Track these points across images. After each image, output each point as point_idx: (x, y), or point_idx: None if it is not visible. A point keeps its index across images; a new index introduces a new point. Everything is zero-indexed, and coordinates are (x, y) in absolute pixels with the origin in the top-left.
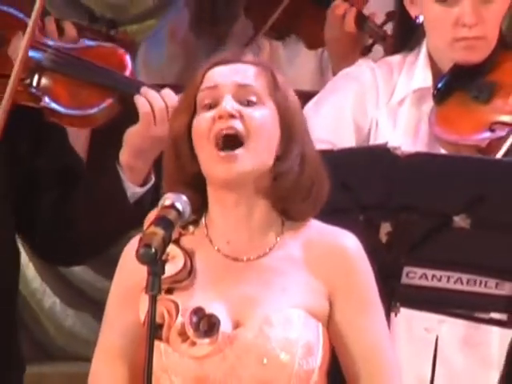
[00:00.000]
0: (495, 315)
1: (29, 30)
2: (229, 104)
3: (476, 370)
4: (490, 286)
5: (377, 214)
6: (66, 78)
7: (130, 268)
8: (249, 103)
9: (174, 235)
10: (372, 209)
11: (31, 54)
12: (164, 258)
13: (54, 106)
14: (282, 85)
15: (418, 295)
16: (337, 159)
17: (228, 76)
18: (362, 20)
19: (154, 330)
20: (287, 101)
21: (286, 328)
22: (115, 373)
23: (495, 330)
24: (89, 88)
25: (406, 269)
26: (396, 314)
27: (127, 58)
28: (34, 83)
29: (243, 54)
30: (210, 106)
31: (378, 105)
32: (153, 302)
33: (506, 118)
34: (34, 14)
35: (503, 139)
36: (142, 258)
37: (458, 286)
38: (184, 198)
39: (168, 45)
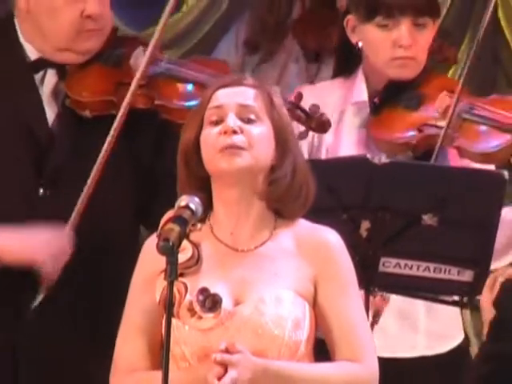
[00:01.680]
0: (457, 298)
1: (150, 48)
2: (232, 121)
3: (406, 334)
4: (452, 273)
5: (357, 213)
6: (172, 80)
7: (149, 259)
8: (249, 121)
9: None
10: (353, 209)
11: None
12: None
13: (165, 102)
14: (277, 105)
15: (392, 281)
16: (324, 166)
17: (231, 97)
18: None
19: (171, 308)
20: (281, 118)
21: (277, 306)
22: (137, 346)
23: (421, 304)
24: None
25: (383, 259)
26: (374, 297)
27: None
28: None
29: (244, 79)
30: (216, 122)
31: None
32: (171, 286)
33: (431, 121)
34: (156, 35)
35: (431, 137)
36: (161, 249)
37: (426, 274)
38: (196, 199)
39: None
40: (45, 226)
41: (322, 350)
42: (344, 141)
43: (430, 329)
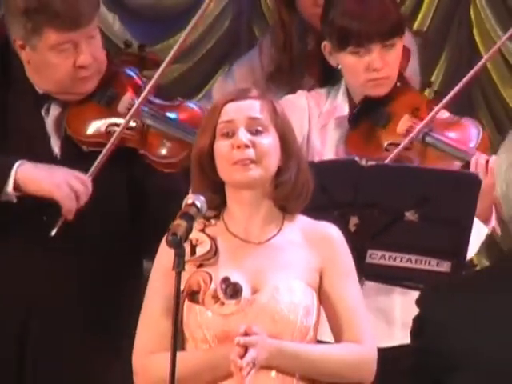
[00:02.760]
0: None
1: (146, 91)
2: (243, 136)
3: (382, 326)
4: (432, 264)
5: (347, 210)
6: (157, 132)
7: (168, 250)
8: (257, 132)
9: (200, 227)
10: (343, 206)
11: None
12: (195, 243)
13: (147, 154)
14: (280, 112)
15: (378, 272)
16: (318, 168)
17: (240, 112)
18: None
19: (179, 294)
20: (284, 124)
21: (290, 294)
22: (158, 331)
23: (398, 298)
24: (173, 141)
25: (369, 251)
26: (362, 286)
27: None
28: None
29: (250, 91)
30: (228, 134)
31: (310, 124)
32: (178, 276)
33: (394, 140)
34: (153, 80)
35: (397, 157)
36: (170, 243)
37: (409, 265)
38: (202, 197)
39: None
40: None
41: None
42: (327, 151)
43: (405, 320)
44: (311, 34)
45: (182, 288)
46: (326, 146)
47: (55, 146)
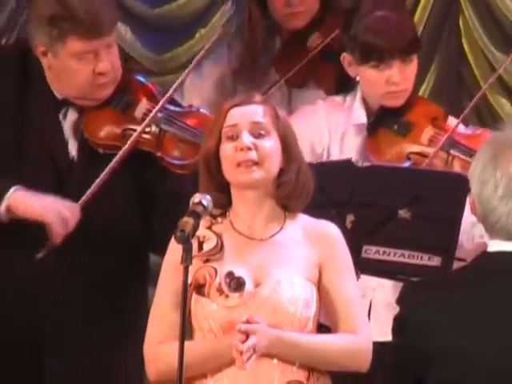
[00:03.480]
0: None
1: (165, 99)
2: (246, 139)
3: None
4: (424, 259)
5: (344, 208)
6: (172, 135)
7: (178, 247)
8: (259, 135)
9: (207, 224)
10: (341, 205)
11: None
12: (202, 239)
13: (163, 156)
14: (282, 117)
15: (373, 266)
16: (317, 169)
17: (244, 116)
18: None
19: (187, 287)
20: (286, 128)
21: (291, 288)
22: (167, 322)
23: None
24: (187, 144)
25: (365, 247)
26: (357, 279)
27: None
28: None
29: (253, 97)
30: (232, 137)
31: (330, 135)
32: (186, 270)
33: (417, 149)
34: (173, 88)
35: (416, 165)
36: (178, 239)
37: (401, 259)
38: (208, 197)
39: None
40: (59, 198)
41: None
42: (347, 156)
43: None
44: (279, 33)
45: (189, 281)
46: (343, 152)
47: (72, 149)
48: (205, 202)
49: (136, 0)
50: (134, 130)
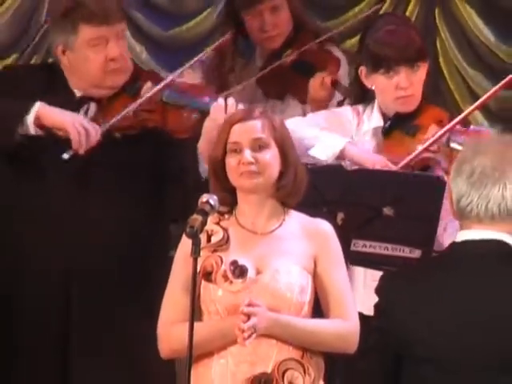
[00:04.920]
0: None
1: (167, 81)
2: (248, 156)
3: None
4: (405, 252)
5: (335, 206)
6: (173, 106)
7: (188, 240)
8: (260, 147)
9: (216, 220)
10: (332, 203)
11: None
12: (210, 233)
13: (168, 124)
14: (278, 126)
15: (361, 258)
16: (311, 172)
17: (246, 133)
18: (336, 83)
19: (196, 276)
20: (283, 137)
21: (288, 276)
22: (178, 306)
23: None
24: (185, 110)
25: (353, 241)
26: (347, 270)
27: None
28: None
29: (253, 111)
30: (236, 151)
31: (353, 133)
32: (195, 261)
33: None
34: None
35: (425, 159)
36: (188, 234)
37: (386, 252)
38: (215, 197)
39: None
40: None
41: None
42: None
43: None
44: (260, 53)
45: (198, 270)
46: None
47: None
48: (212, 202)
49: (151, 23)
50: (143, 110)
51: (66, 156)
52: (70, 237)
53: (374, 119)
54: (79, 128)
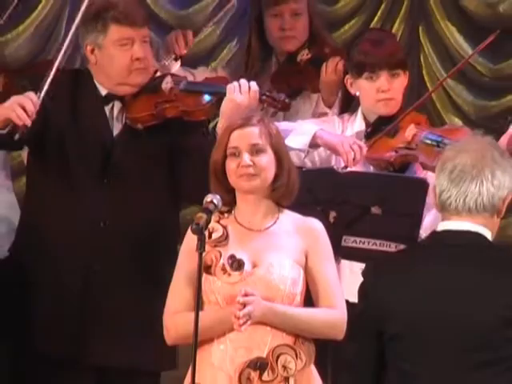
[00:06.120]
0: None
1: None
2: (246, 159)
3: None
4: (392, 247)
5: (327, 206)
6: (189, 93)
7: (192, 236)
8: (257, 152)
9: (216, 218)
10: (325, 203)
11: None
12: (211, 230)
13: (187, 109)
14: (274, 133)
15: (351, 252)
16: (306, 174)
17: (244, 139)
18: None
19: (201, 269)
20: (278, 143)
21: (281, 269)
22: (182, 296)
23: None
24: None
25: (344, 237)
26: (339, 263)
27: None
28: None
29: (251, 119)
30: (235, 155)
31: None
32: (200, 255)
33: (402, 144)
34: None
35: (403, 156)
36: (194, 231)
37: (374, 247)
38: (218, 196)
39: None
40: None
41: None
42: None
43: None
44: (275, 56)
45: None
46: None
47: (115, 131)
48: (215, 201)
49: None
50: (164, 101)
51: (17, 137)
52: (95, 226)
53: (356, 124)
54: (15, 107)
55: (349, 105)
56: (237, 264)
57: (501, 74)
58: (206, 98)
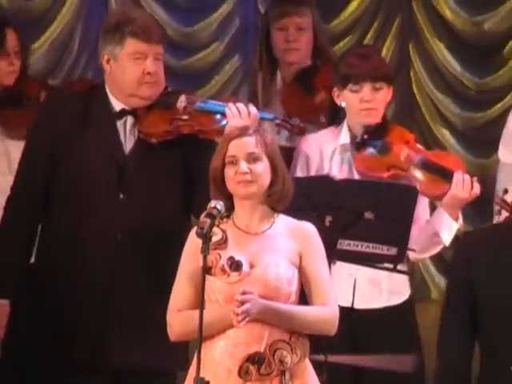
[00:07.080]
0: (387, 265)
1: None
2: (244, 167)
3: (372, 293)
4: (383, 250)
5: (323, 211)
6: (203, 113)
7: (194, 239)
8: (253, 160)
9: (216, 224)
10: (321, 208)
11: None
12: (211, 234)
13: (202, 129)
14: (269, 142)
15: (345, 255)
16: (303, 181)
17: (241, 148)
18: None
19: (205, 270)
20: (273, 152)
21: (277, 269)
22: (185, 295)
23: (384, 274)
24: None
25: (339, 240)
26: (334, 265)
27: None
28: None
29: (247, 129)
30: (233, 163)
31: (322, 157)
32: (205, 257)
33: (396, 164)
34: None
35: (395, 175)
36: (198, 234)
37: (367, 250)
38: (221, 202)
39: None
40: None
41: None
42: (334, 169)
43: (390, 289)
44: (280, 69)
45: (201, 265)
46: (332, 166)
47: (128, 147)
48: (219, 207)
49: (168, 55)
50: (178, 119)
51: None
52: (112, 239)
53: (342, 137)
54: None
55: (335, 117)
56: (235, 265)
57: (486, 87)
58: (221, 119)
